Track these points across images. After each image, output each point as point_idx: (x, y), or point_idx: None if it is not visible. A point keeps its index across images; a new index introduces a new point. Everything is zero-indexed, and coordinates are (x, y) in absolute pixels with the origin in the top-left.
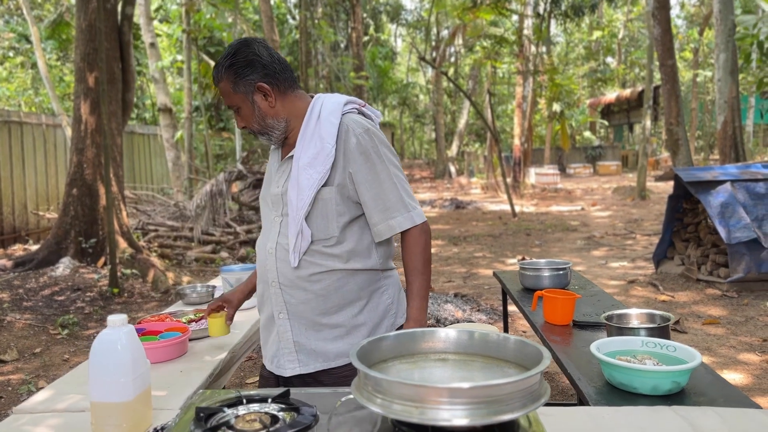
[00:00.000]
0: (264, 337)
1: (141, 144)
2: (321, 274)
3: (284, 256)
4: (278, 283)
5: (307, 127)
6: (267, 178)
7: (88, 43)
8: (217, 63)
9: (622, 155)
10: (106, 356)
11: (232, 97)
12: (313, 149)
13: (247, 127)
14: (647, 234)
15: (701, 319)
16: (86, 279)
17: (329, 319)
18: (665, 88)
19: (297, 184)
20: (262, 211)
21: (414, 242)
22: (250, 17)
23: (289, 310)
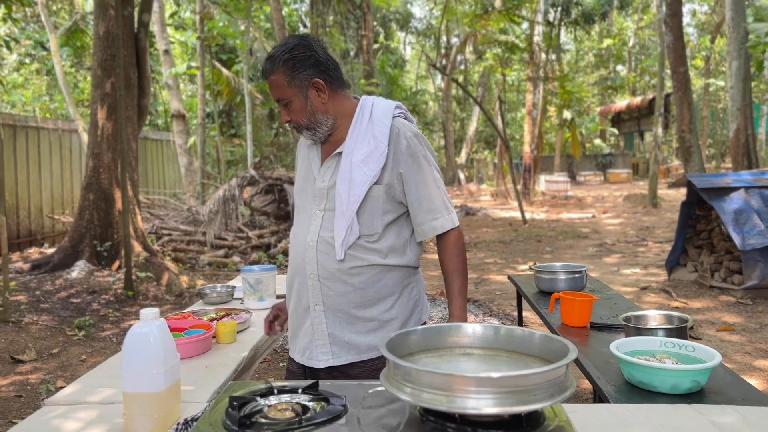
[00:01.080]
0: (294, 329)
1: (154, 149)
2: (361, 268)
3: (326, 248)
4: (317, 275)
5: (359, 126)
6: (303, 174)
7: (105, 50)
8: (270, 55)
9: (633, 163)
10: (139, 348)
11: (285, 90)
12: (366, 147)
13: (294, 121)
14: (659, 241)
15: (715, 325)
16: (101, 282)
17: (364, 312)
18: (677, 95)
19: (349, 179)
20: (298, 205)
21: (454, 244)
22: (262, 25)
23: (325, 302)
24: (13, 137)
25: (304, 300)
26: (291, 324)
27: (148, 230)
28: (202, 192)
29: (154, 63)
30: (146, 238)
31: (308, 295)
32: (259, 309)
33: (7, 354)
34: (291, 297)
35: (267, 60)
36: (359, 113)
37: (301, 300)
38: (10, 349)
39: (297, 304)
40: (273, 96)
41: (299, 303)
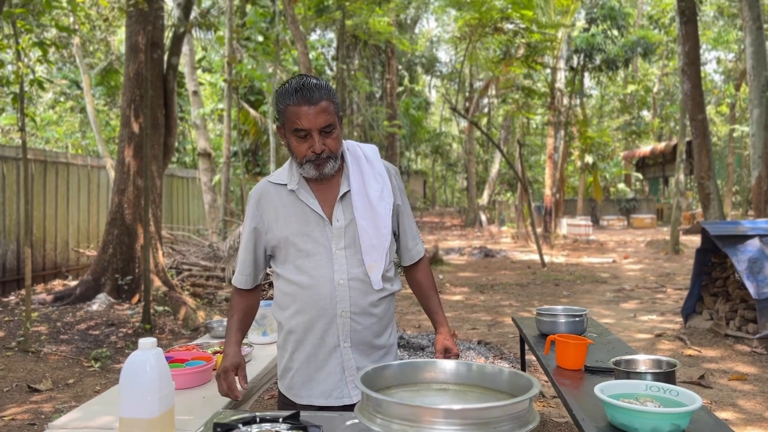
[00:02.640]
0: (309, 373)
1: (180, 186)
2: (382, 299)
3: (358, 285)
4: (349, 313)
5: (360, 165)
6: (297, 218)
7: (134, 90)
8: (315, 84)
9: (658, 208)
10: (136, 375)
11: (333, 117)
12: (377, 185)
13: (330, 150)
14: (679, 288)
15: (728, 374)
16: (120, 315)
17: (379, 340)
18: (696, 142)
19: (372, 215)
20: (303, 249)
21: (427, 265)
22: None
23: (352, 338)
24: (43, 172)
25: (330, 340)
26: (304, 370)
27: (169, 265)
28: (224, 229)
29: (183, 103)
30: (166, 272)
31: (337, 333)
32: (262, 344)
33: (24, 383)
34: (306, 341)
35: (313, 87)
36: (353, 156)
37: (326, 341)
38: (28, 378)
39: (319, 346)
40: (318, 122)
41: (322, 344)
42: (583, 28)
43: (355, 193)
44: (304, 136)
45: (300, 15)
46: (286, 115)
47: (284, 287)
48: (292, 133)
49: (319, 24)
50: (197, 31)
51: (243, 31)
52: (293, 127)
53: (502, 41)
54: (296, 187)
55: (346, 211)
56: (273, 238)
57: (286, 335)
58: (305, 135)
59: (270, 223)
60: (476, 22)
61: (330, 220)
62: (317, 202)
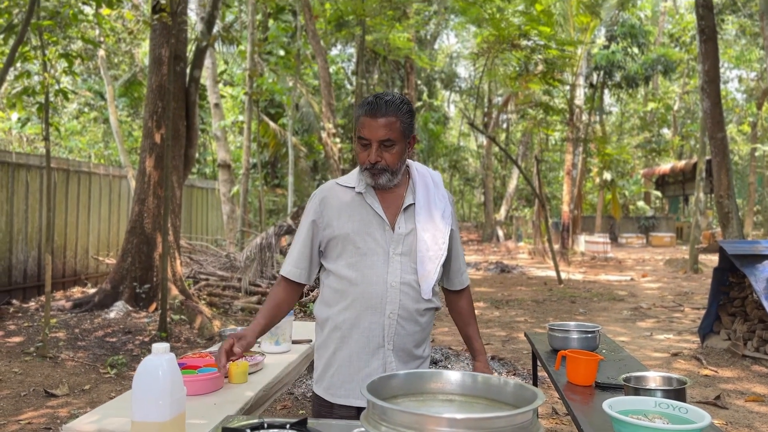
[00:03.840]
0: (351, 372)
1: (200, 197)
2: (427, 310)
3: (409, 290)
4: (397, 315)
5: (428, 186)
6: (360, 218)
7: (156, 102)
8: (387, 99)
9: (677, 227)
10: (149, 379)
11: (396, 133)
12: (441, 204)
13: (387, 163)
14: (696, 307)
15: (745, 395)
16: (137, 323)
17: (418, 351)
18: (715, 160)
19: (433, 229)
20: (361, 247)
21: (470, 293)
22: (309, 82)
23: (395, 342)
24: (66, 181)
25: (375, 339)
26: (345, 369)
27: (186, 274)
28: (242, 239)
29: (205, 115)
30: (183, 281)
31: (383, 333)
32: (274, 353)
33: (41, 388)
34: (351, 338)
35: (383, 102)
36: (421, 175)
37: (371, 339)
38: (45, 384)
39: (365, 343)
40: (378, 134)
41: (367, 343)
42: (603, 45)
43: (420, 207)
44: (366, 145)
45: (321, 30)
46: (358, 123)
47: (335, 283)
48: (357, 140)
49: (340, 39)
50: (220, 44)
51: (265, 45)
52: (359, 134)
53: (521, 57)
54: (364, 190)
55: (408, 221)
56: (331, 233)
57: (330, 332)
58: (366, 144)
59: (331, 219)
60: (494, 38)
61: (392, 226)
62: (381, 207)
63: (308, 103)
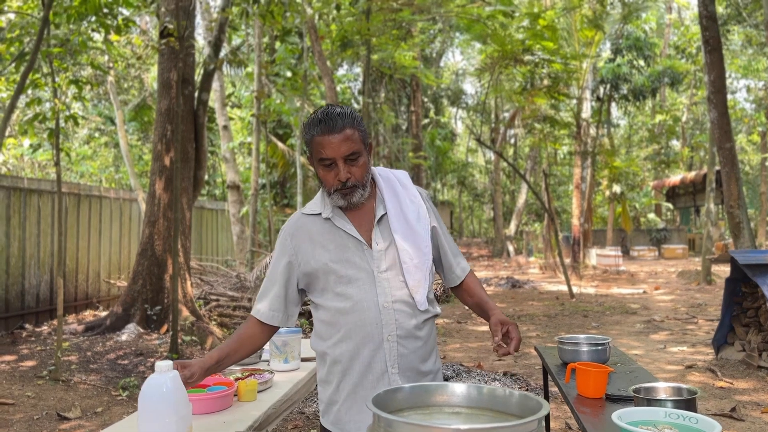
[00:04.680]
0: (358, 404)
1: (209, 218)
2: (425, 321)
3: (403, 307)
4: (396, 336)
5: (395, 188)
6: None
7: (165, 125)
8: (338, 112)
9: (689, 239)
10: (153, 397)
11: (359, 145)
12: (413, 207)
13: (356, 178)
14: (710, 319)
15: (761, 407)
16: (149, 345)
17: (425, 366)
18: (724, 170)
19: (413, 236)
20: (344, 275)
21: (475, 275)
22: (317, 102)
23: (399, 364)
24: (77, 205)
25: (378, 366)
26: (351, 401)
27: (197, 295)
28: (252, 259)
29: (214, 137)
30: (194, 303)
31: (384, 359)
32: (283, 371)
33: (54, 411)
34: (353, 369)
35: (336, 116)
36: (386, 180)
37: (374, 367)
38: (58, 407)
39: (366, 373)
40: (341, 151)
41: (370, 371)
42: (609, 58)
43: (392, 216)
44: (329, 165)
45: (327, 51)
46: (312, 145)
47: (325, 316)
48: (318, 163)
49: (346, 59)
50: (227, 67)
51: (272, 67)
52: (318, 156)
53: (525, 72)
54: (330, 214)
55: (384, 234)
56: (309, 268)
57: (330, 367)
58: (330, 164)
59: (306, 255)
60: (498, 54)
61: (369, 244)
62: (353, 227)
63: None
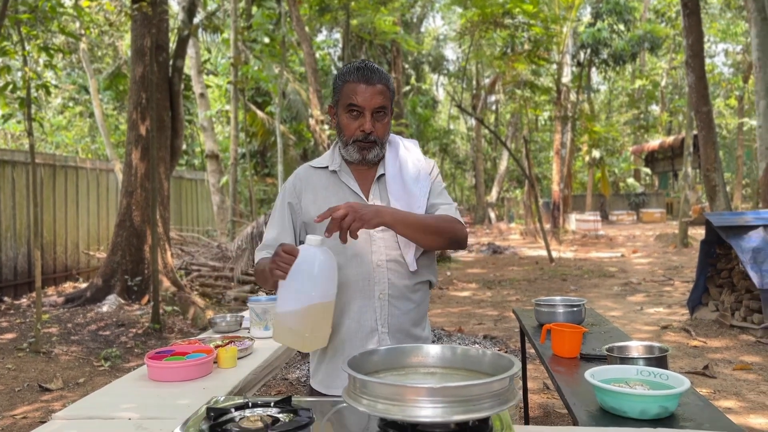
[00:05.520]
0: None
1: (189, 188)
2: (421, 284)
3: (396, 266)
4: (387, 295)
5: (398, 151)
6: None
7: (140, 94)
8: (376, 67)
9: (667, 203)
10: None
11: (388, 101)
12: (414, 168)
13: (377, 134)
14: (686, 281)
15: (733, 364)
16: (130, 315)
17: (416, 331)
18: (701, 134)
19: (407, 197)
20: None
21: (458, 222)
22: (296, 69)
23: (389, 323)
24: (53, 176)
25: (367, 323)
26: (340, 357)
27: (178, 266)
28: (233, 229)
29: (191, 106)
30: (175, 273)
31: (375, 316)
32: (264, 338)
33: (36, 383)
34: (342, 324)
35: (374, 69)
36: (392, 143)
37: (363, 324)
38: (39, 378)
39: (356, 329)
40: (373, 102)
41: (360, 328)
42: (589, 23)
43: (390, 176)
44: (357, 115)
45: (305, 16)
46: (343, 91)
47: None
48: (345, 109)
49: (325, 25)
50: (202, 33)
51: (248, 33)
52: (348, 102)
53: (506, 37)
54: (338, 168)
55: (382, 193)
56: (309, 217)
57: None
58: (358, 113)
59: (307, 204)
60: (478, 18)
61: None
62: (357, 183)
63: (295, 90)
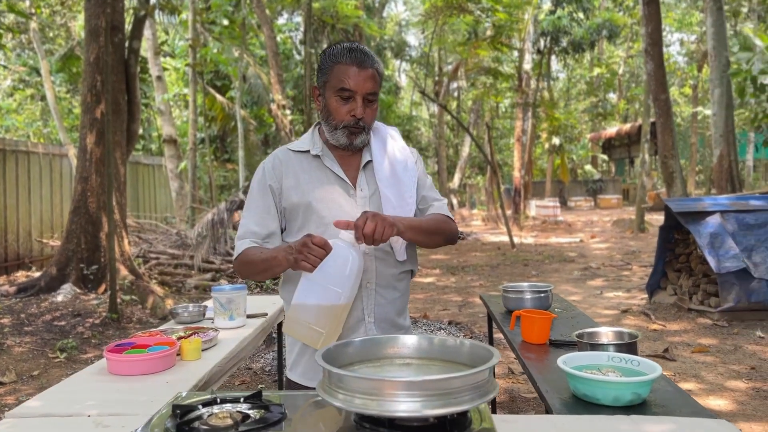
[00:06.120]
0: None
1: (146, 174)
2: (404, 273)
3: (383, 255)
4: (374, 284)
5: (384, 141)
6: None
7: (95, 76)
8: (368, 50)
9: (624, 189)
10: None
11: (378, 87)
12: (401, 156)
13: (365, 121)
14: (644, 265)
15: (691, 347)
16: (86, 305)
17: (399, 319)
18: (659, 121)
19: (397, 184)
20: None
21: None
22: (256, 52)
23: (376, 313)
24: (2, 161)
25: (355, 312)
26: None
27: (135, 254)
28: (192, 216)
29: (147, 89)
30: (133, 261)
31: (362, 306)
32: (229, 328)
33: None
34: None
35: (367, 52)
36: (376, 130)
37: (351, 313)
38: None
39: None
40: (366, 87)
41: (347, 318)
42: (550, 10)
43: (378, 163)
44: (347, 98)
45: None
46: (333, 72)
47: None
48: (335, 93)
49: (286, 7)
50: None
51: (207, 14)
52: (339, 86)
53: (470, 23)
54: (320, 152)
55: (369, 180)
56: (290, 203)
57: None
58: (349, 97)
59: (288, 189)
60: (442, 2)
61: (355, 188)
62: (341, 169)
63: (256, 74)
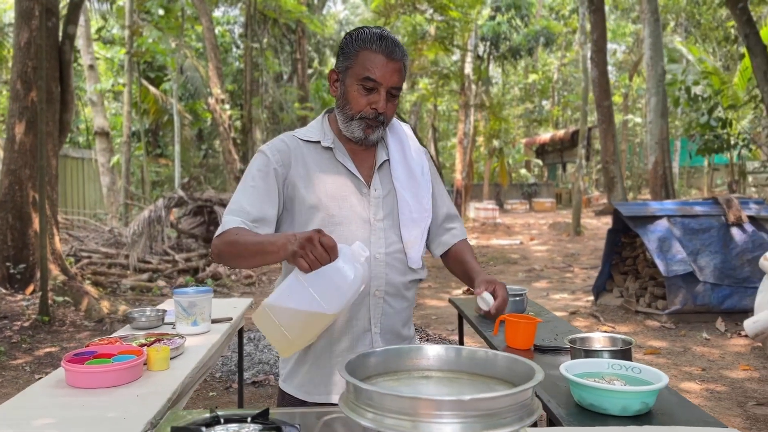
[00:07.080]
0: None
1: (74, 168)
2: (413, 282)
3: (396, 262)
4: (383, 292)
5: (400, 139)
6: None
7: (26, 61)
8: (396, 39)
9: (556, 193)
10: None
11: (402, 80)
12: (419, 159)
13: (386, 114)
14: (585, 267)
15: (642, 349)
16: (14, 307)
17: (404, 330)
18: (601, 128)
19: (414, 186)
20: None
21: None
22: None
23: (382, 323)
24: None
25: (360, 322)
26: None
27: (66, 252)
28: (126, 213)
29: (77, 78)
30: (64, 260)
31: (368, 315)
32: (192, 334)
33: None
34: (333, 323)
35: (397, 43)
36: (392, 127)
37: (354, 324)
38: None
39: (346, 330)
40: (392, 79)
41: (351, 327)
42: (490, 16)
43: (396, 163)
44: (371, 90)
45: None
46: (358, 59)
47: None
48: (357, 81)
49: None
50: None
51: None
52: (364, 74)
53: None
54: (332, 144)
55: (384, 180)
56: (295, 195)
57: None
58: (372, 88)
59: (295, 178)
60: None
61: (369, 188)
62: (354, 165)
63: (193, 66)
